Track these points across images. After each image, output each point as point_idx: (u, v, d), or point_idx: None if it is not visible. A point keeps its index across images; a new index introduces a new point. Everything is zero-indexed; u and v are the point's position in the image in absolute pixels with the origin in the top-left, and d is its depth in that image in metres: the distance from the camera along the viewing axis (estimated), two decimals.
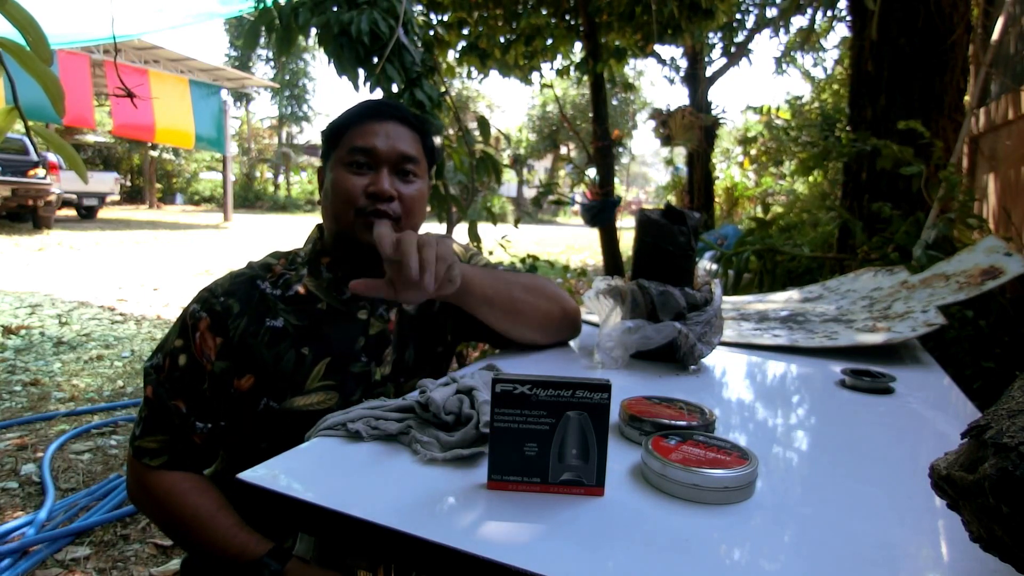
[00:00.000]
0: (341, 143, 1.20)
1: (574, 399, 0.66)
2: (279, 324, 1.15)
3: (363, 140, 1.18)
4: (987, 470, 0.44)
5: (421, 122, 1.27)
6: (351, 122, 1.21)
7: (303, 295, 1.19)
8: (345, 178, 1.17)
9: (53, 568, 1.98)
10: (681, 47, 10.07)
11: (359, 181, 1.17)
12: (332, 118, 1.27)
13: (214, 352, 1.12)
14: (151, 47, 14.08)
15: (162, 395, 1.11)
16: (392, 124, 1.20)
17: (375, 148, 1.17)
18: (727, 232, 6.91)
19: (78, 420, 3.18)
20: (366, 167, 1.18)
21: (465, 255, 1.43)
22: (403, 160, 1.19)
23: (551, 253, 11.58)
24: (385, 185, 1.16)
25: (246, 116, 32.52)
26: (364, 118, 1.20)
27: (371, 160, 1.18)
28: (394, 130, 1.20)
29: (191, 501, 1.08)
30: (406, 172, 1.20)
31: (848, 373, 1.16)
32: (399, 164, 1.19)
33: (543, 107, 28.53)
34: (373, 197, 1.16)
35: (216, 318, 1.13)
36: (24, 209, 12.57)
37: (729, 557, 0.57)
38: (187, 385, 1.11)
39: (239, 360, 1.13)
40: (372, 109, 1.22)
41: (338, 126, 1.23)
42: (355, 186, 1.16)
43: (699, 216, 1.35)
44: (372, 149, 1.17)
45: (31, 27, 0.86)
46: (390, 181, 1.17)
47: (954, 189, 2.86)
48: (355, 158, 1.17)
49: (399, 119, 1.22)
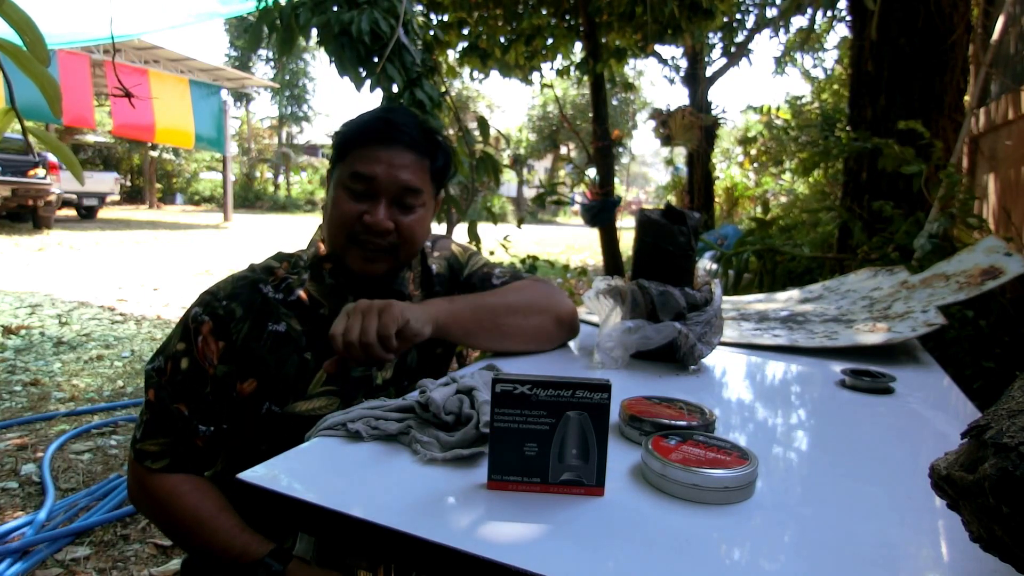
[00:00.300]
0: (346, 160, 1.17)
1: (574, 399, 0.66)
2: (282, 329, 1.15)
3: (365, 167, 1.14)
4: (987, 470, 0.44)
5: (430, 144, 1.22)
6: (357, 141, 1.17)
7: (305, 301, 1.19)
8: (343, 201, 1.15)
9: (53, 568, 1.98)
10: (681, 47, 10.07)
11: (355, 208, 1.14)
12: (338, 120, 1.26)
13: (216, 356, 1.12)
14: (151, 47, 14.08)
15: (164, 399, 1.11)
16: (397, 151, 1.16)
17: (376, 178, 1.14)
18: (727, 232, 6.91)
19: (78, 420, 3.18)
20: (365, 195, 1.15)
21: (464, 255, 1.41)
22: (404, 192, 1.16)
23: (551, 253, 11.57)
24: (381, 217, 1.14)
25: (246, 116, 32.52)
26: (370, 141, 1.16)
27: (370, 189, 1.15)
28: (399, 158, 1.15)
29: (192, 503, 1.08)
30: (406, 203, 1.17)
31: (848, 373, 1.16)
32: (400, 196, 1.16)
33: (543, 107, 28.53)
34: (367, 228, 1.14)
35: (219, 322, 1.13)
36: (24, 209, 12.58)
37: (729, 557, 0.57)
38: (189, 389, 1.11)
39: (242, 364, 1.12)
40: (380, 132, 1.16)
41: (345, 139, 1.19)
42: (351, 212, 1.14)
43: (699, 216, 1.35)
44: (372, 179, 1.14)
45: (29, 28, 0.86)
46: (388, 213, 1.15)
47: (954, 188, 2.86)
48: (355, 185, 1.15)
49: (406, 144, 1.17)
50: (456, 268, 1.38)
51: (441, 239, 1.43)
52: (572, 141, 26.49)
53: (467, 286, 1.36)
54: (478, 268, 1.38)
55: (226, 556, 1.02)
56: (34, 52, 0.86)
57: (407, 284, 1.28)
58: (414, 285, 1.31)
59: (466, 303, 1.19)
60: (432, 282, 1.33)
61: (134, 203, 25.65)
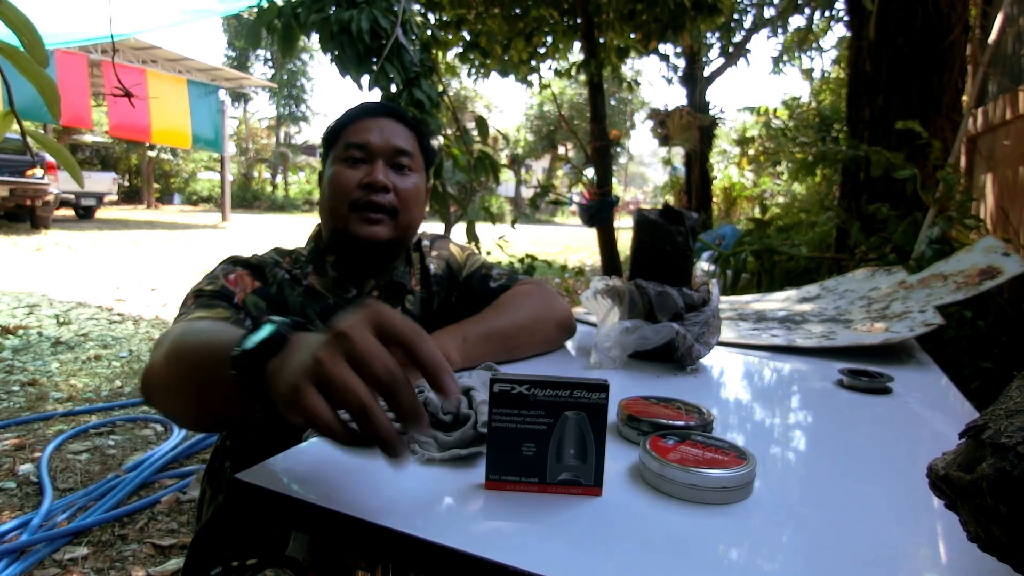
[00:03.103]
0: (337, 142, 1.23)
1: (572, 399, 0.66)
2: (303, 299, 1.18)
3: (358, 136, 1.20)
4: (985, 470, 0.44)
5: (416, 120, 1.30)
6: (347, 122, 1.24)
7: (314, 288, 1.21)
8: (340, 172, 1.20)
9: (51, 568, 1.98)
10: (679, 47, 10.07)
11: (354, 174, 1.19)
12: (331, 120, 1.30)
13: (250, 287, 1.12)
14: (149, 47, 14.06)
15: (189, 309, 1.03)
16: (386, 120, 1.23)
17: (369, 142, 1.19)
18: (725, 232, 6.91)
19: (76, 420, 3.17)
20: (361, 162, 1.20)
21: (462, 256, 1.42)
22: (397, 153, 1.22)
23: (549, 253, 11.58)
24: (379, 175, 1.18)
25: (244, 116, 32.50)
26: (359, 116, 1.24)
27: (366, 155, 1.20)
28: (388, 126, 1.23)
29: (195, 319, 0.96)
30: (401, 166, 1.22)
31: (846, 373, 1.16)
32: (393, 157, 1.21)
33: (541, 107, 28.54)
34: (367, 188, 1.18)
35: (254, 268, 1.15)
36: (22, 209, 12.56)
37: (727, 557, 0.57)
38: (221, 298, 1.08)
39: (273, 308, 1.13)
40: (367, 108, 1.25)
41: (335, 128, 1.26)
42: (350, 179, 1.19)
43: (697, 216, 1.35)
44: (366, 144, 1.19)
45: (27, 29, 0.85)
46: (384, 172, 1.19)
47: (952, 189, 2.86)
48: (350, 153, 1.20)
49: (394, 116, 1.25)
50: (455, 269, 1.39)
51: (439, 239, 1.44)
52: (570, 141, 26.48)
53: (466, 287, 1.37)
54: (476, 269, 1.39)
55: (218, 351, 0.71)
56: (32, 54, 0.86)
57: (409, 278, 1.30)
58: (416, 280, 1.33)
59: (481, 339, 1.13)
60: (430, 282, 1.34)
61: (132, 203, 25.63)
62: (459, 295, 1.37)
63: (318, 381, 0.54)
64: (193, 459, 2.78)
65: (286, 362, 0.59)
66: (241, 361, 0.63)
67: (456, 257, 1.41)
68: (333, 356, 0.54)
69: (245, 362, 0.63)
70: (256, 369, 0.62)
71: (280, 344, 0.62)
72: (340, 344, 0.55)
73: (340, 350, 0.55)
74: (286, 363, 0.59)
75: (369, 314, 0.57)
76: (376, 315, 0.57)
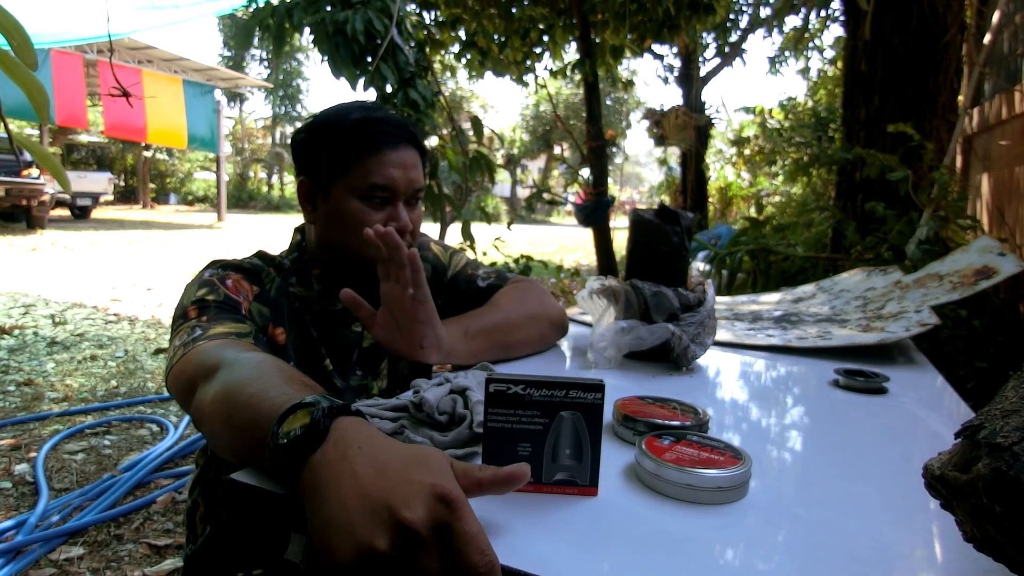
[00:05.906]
0: (353, 170, 1.13)
1: (568, 399, 0.66)
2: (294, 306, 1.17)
3: (383, 176, 1.12)
4: (981, 470, 0.44)
5: (420, 136, 1.24)
6: (365, 149, 1.13)
7: (301, 297, 1.18)
8: (363, 212, 1.13)
9: (47, 568, 1.97)
10: (675, 47, 10.09)
11: (379, 218, 1.13)
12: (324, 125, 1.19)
13: (251, 294, 1.09)
14: (144, 47, 14.04)
15: (202, 324, 0.98)
16: (405, 151, 1.15)
17: (396, 186, 1.14)
18: (721, 232, 6.92)
19: (71, 420, 3.16)
20: (384, 202, 1.15)
21: (445, 256, 1.40)
22: (416, 192, 1.19)
23: (545, 253, 11.57)
24: (404, 219, 1.15)
25: (240, 116, 32.45)
26: (381, 148, 1.13)
27: (390, 195, 1.14)
28: (409, 158, 1.16)
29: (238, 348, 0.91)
30: (415, 200, 1.20)
31: (841, 373, 1.16)
32: (412, 196, 1.18)
33: (537, 107, 28.52)
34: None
35: (247, 272, 1.12)
36: (18, 209, 12.52)
37: (723, 557, 0.57)
38: (230, 309, 1.04)
39: (275, 313, 1.11)
40: (386, 134, 1.14)
41: (348, 148, 1.14)
42: (373, 221, 1.12)
43: (693, 216, 1.35)
44: (392, 187, 1.13)
45: (16, 31, 0.84)
46: (407, 213, 1.16)
47: (945, 189, 2.87)
48: (375, 194, 1.13)
49: (409, 141, 1.17)
50: (439, 270, 1.38)
51: (420, 238, 1.42)
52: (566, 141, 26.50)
53: (452, 287, 1.36)
54: (461, 268, 1.38)
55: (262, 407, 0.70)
56: (21, 56, 0.85)
57: None
58: None
59: (481, 333, 1.15)
60: None
61: (128, 203, 25.57)
62: (445, 296, 1.35)
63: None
64: (189, 459, 2.77)
65: (330, 484, 0.56)
66: (279, 459, 0.61)
67: (439, 258, 1.39)
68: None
69: (284, 461, 0.61)
70: (295, 467, 0.60)
71: (321, 436, 0.60)
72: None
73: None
74: (330, 487, 0.56)
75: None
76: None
